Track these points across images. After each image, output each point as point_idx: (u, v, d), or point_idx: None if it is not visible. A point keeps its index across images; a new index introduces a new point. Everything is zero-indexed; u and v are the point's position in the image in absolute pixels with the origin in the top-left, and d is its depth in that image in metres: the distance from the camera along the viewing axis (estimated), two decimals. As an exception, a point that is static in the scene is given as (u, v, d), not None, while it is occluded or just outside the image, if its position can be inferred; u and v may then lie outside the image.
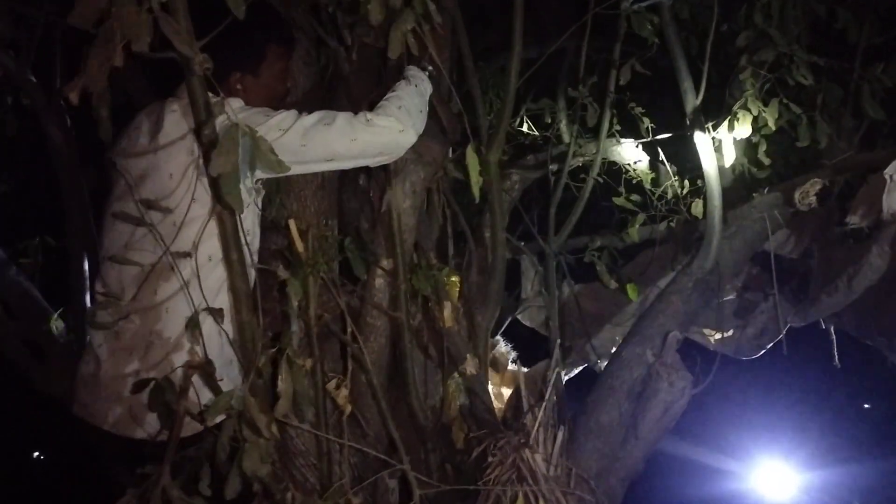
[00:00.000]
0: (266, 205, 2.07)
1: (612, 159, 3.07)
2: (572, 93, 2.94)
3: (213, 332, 1.78)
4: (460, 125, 2.25)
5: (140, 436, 1.77)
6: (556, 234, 2.89)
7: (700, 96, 2.59)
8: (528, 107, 3.04)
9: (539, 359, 2.82)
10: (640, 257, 3.25)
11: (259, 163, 1.50)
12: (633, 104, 2.96)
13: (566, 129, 3.11)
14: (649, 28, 2.62)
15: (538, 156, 3.06)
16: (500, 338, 2.88)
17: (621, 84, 2.83)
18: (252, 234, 1.92)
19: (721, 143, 2.66)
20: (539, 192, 3.13)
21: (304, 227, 2.07)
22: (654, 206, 3.07)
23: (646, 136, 3.01)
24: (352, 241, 2.22)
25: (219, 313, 1.73)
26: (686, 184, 3.01)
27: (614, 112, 2.90)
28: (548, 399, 2.28)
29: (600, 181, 2.97)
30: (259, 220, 1.98)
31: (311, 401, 1.97)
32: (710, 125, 2.62)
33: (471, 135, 2.20)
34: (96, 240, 1.96)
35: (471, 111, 2.53)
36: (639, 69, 2.78)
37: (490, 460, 2.20)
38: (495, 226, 2.49)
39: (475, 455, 2.28)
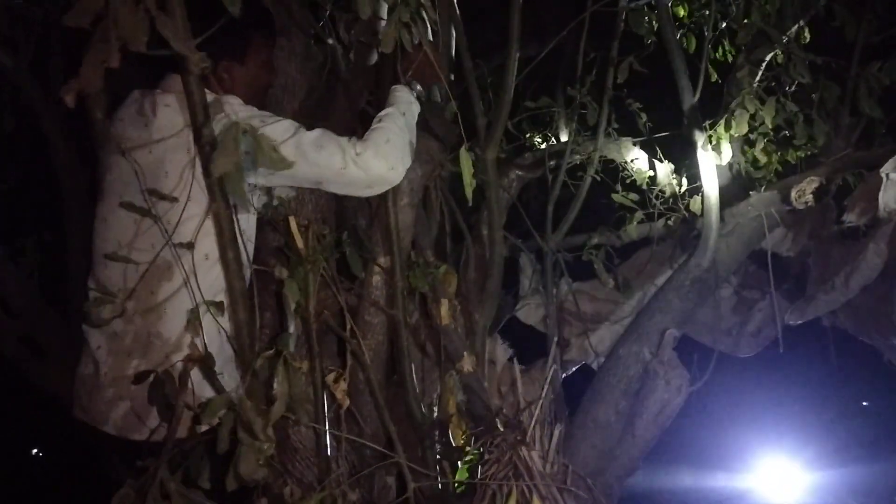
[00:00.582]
0: (264, 203, 2.08)
1: (609, 157, 3.08)
2: (571, 91, 2.94)
3: (212, 330, 1.78)
4: (455, 131, 2.24)
5: (142, 437, 1.77)
6: (553, 232, 2.89)
7: (697, 94, 2.60)
8: (527, 105, 3.03)
9: (536, 356, 2.83)
10: (637, 255, 3.26)
11: (261, 161, 1.50)
12: (631, 100, 2.96)
13: (564, 126, 3.11)
14: (646, 26, 2.62)
15: (536, 153, 3.07)
16: (497, 335, 2.88)
17: (619, 82, 2.84)
18: (248, 234, 1.92)
19: (718, 141, 2.66)
20: (537, 189, 3.14)
21: (304, 224, 2.08)
22: (652, 203, 3.08)
23: (644, 133, 3.01)
24: (349, 238, 2.22)
25: (219, 307, 1.74)
26: (684, 182, 3.02)
27: (612, 110, 2.90)
28: (545, 396, 2.29)
29: (598, 179, 2.98)
30: (255, 219, 1.98)
31: (307, 402, 1.97)
32: (708, 123, 2.62)
33: (464, 135, 2.19)
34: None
35: (468, 109, 2.54)
36: (637, 67, 2.79)
37: (487, 457, 2.20)
38: (493, 223, 2.49)
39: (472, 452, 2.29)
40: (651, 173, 3.07)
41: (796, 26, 2.68)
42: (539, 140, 3.22)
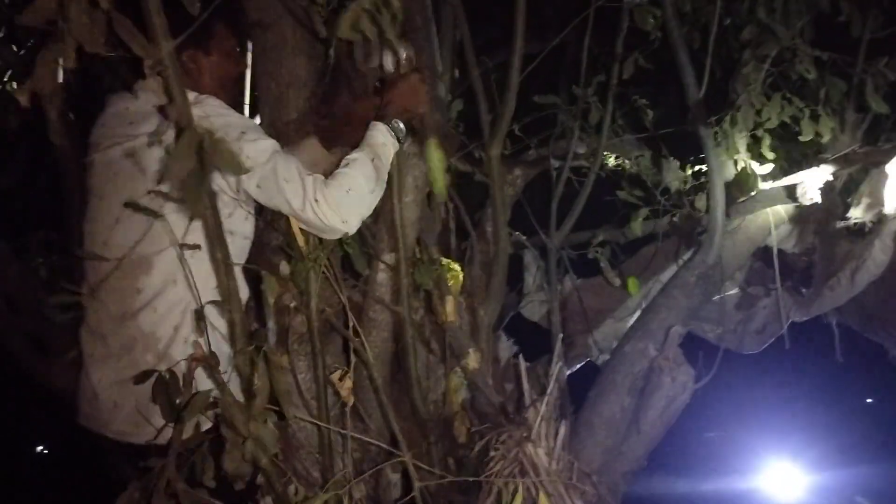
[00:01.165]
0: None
1: (614, 153, 3.07)
2: (575, 90, 2.92)
3: (208, 328, 1.77)
4: (456, 139, 2.22)
5: (142, 441, 1.77)
6: (557, 229, 2.89)
7: (703, 91, 2.59)
8: (535, 100, 3.01)
9: (541, 353, 2.83)
10: (642, 252, 3.25)
11: (218, 164, 1.45)
12: (637, 97, 2.95)
13: (568, 124, 3.10)
14: (652, 22, 2.61)
15: (540, 150, 3.06)
16: (502, 332, 2.88)
17: (624, 78, 2.83)
18: (245, 233, 1.91)
19: (724, 137, 2.65)
20: (542, 186, 3.13)
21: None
22: (657, 200, 3.07)
23: (649, 130, 3.00)
24: (353, 235, 2.22)
25: (219, 306, 1.73)
26: (689, 178, 3.01)
27: (616, 106, 2.89)
28: (550, 393, 2.28)
29: (602, 175, 2.97)
30: (251, 219, 1.97)
31: (290, 396, 1.96)
32: (713, 119, 2.61)
33: (469, 132, 2.17)
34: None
35: (472, 106, 2.54)
36: (642, 63, 2.78)
37: (492, 454, 2.20)
38: (497, 220, 2.49)
39: (477, 449, 2.28)
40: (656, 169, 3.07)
41: (802, 22, 2.66)
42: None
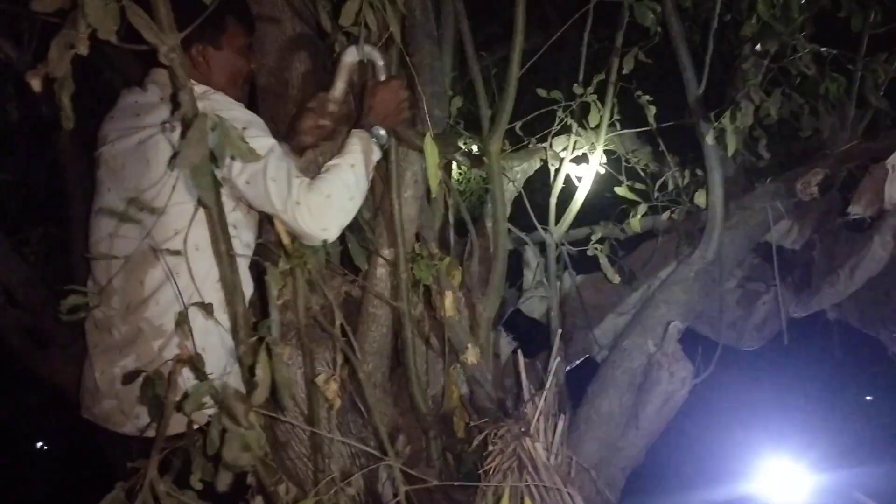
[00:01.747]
0: None
1: (613, 149, 3.07)
2: (576, 89, 2.92)
3: (209, 323, 1.78)
4: (453, 144, 2.21)
5: (143, 434, 1.76)
6: (557, 225, 2.89)
7: (702, 86, 2.59)
8: (538, 92, 3.01)
9: (540, 349, 2.83)
10: (642, 248, 3.26)
11: (228, 150, 1.45)
12: (640, 92, 2.95)
13: (567, 120, 3.10)
14: (652, 18, 2.61)
15: (539, 146, 3.06)
16: (501, 328, 2.88)
17: (624, 73, 2.83)
18: (242, 226, 1.91)
19: (723, 132, 2.65)
20: (542, 182, 3.13)
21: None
22: (656, 196, 3.07)
23: (650, 125, 3.00)
24: (352, 230, 2.21)
25: (210, 305, 1.72)
26: (687, 174, 3.01)
27: (615, 102, 2.89)
28: (548, 388, 2.29)
29: (602, 172, 2.97)
30: (254, 214, 1.96)
31: (291, 390, 1.96)
32: (713, 114, 2.61)
33: (430, 123, 2.16)
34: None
35: (473, 101, 2.54)
36: (642, 58, 2.78)
37: (490, 449, 2.20)
38: (497, 216, 2.49)
39: (476, 443, 2.29)
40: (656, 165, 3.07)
41: (802, 18, 2.66)
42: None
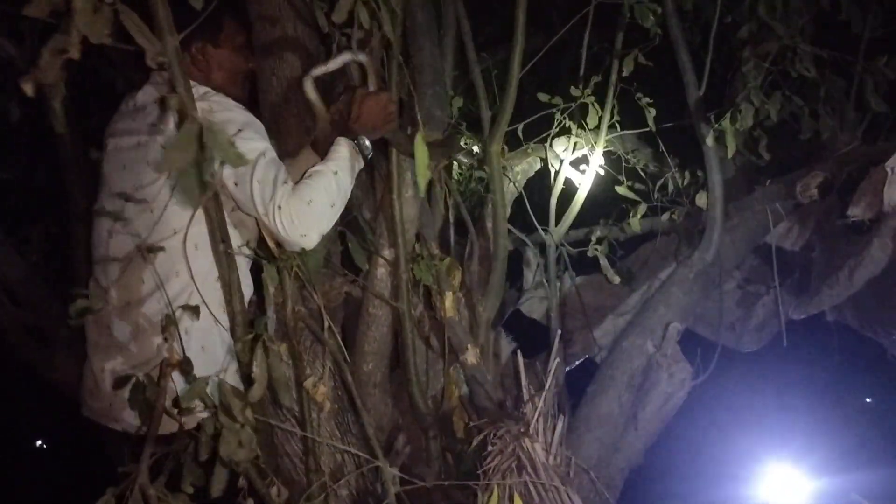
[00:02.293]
0: None
1: (613, 149, 3.08)
2: (574, 92, 2.92)
3: (209, 321, 1.79)
4: (453, 145, 2.20)
5: (128, 429, 1.77)
6: (556, 226, 2.90)
7: (703, 88, 2.59)
8: (539, 97, 3.01)
9: (540, 350, 2.83)
10: (641, 249, 3.26)
11: (217, 155, 1.46)
12: (640, 95, 2.95)
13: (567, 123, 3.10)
14: (652, 19, 2.62)
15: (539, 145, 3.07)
16: (501, 328, 2.89)
17: (624, 75, 2.83)
18: (242, 226, 1.91)
19: (723, 134, 2.66)
20: (541, 182, 3.13)
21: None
22: (656, 197, 3.08)
23: (651, 127, 3.00)
24: (352, 230, 2.22)
25: (198, 307, 1.73)
26: (687, 175, 3.02)
27: (615, 103, 2.90)
28: (548, 389, 2.29)
29: (601, 173, 2.98)
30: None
31: (288, 387, 1.97)
32: (713, 115, 2.62)
33: (431, 124, 2.17)
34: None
35: (474, 101, 2.55)
36: (642, 60, 2.78)
37: (490, 449, 2.21)
38: (497, 217, 2.49)
39: (475, 444, 2.29)
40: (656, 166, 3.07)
41: (802, 20, 2.67)
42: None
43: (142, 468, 1.52)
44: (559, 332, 2.69)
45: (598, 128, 2.93)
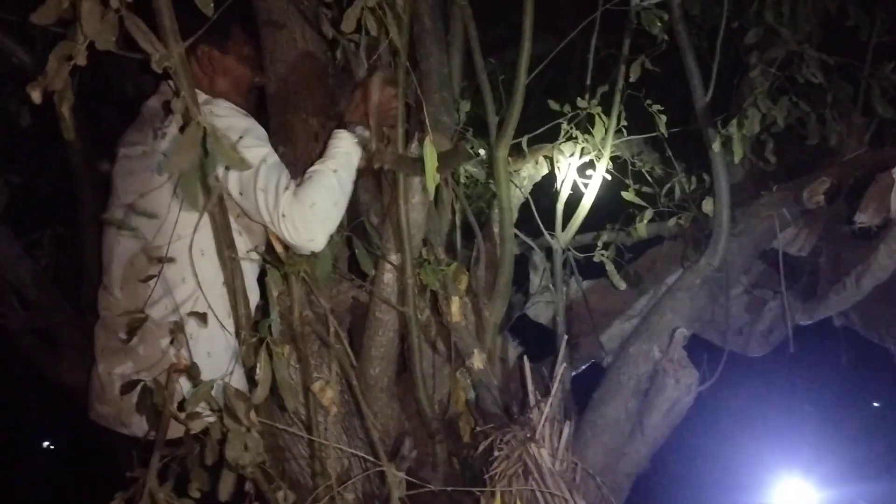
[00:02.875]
0: None
1: (619, 154, 3.07)
2: (580, 103, 2.91)
3: (215, 327, 1.79)
4: (461, 154, 2.21)
5: (135, 433, 1.79)
6: (563, 230, 2.90)
7: (710, 94, 2.59)
8: (537, 104, 3.02)
9: (546, 354, 2.83)
10: (648, 254, 3.26)
11: (220, 159, 1.47)
12: (650, 101, 2.95)
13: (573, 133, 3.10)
14: (659, 25, 2.62)
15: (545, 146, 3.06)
16: (507, 333, 2.89)
17: (631, 81, 2.83)
18: (248, 232, 1.92)
19: (730, 139, 2.66)
20: (548, 187, 3.13)
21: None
22: (663, 202, 3.08)
23: (659, 133, 3.00)
24: (358, 235, 2.23)
25: (205, 314, 1.74)
26: (694, 180, 3.02)
27: (622, 108, 2.90)
28: (554, 394, 2.29)
29: (608, 178, 2.97)
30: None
31: (293, 390, 1.97)
32: (720, 119, 2.62)
33: (438, 129, 2.18)
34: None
35: (480, 106, 2.55)
36: (649, 66, 2.78)
37: (496, 454, 2.21)
38: (504, 221, 2.50)
39: (482, 449, 2.30)
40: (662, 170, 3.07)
41: (809, 26, 2.67)
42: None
43: (151, 472, 1.53)
44: (565, 336, 2.69)
45: (605, 133, 2.93)
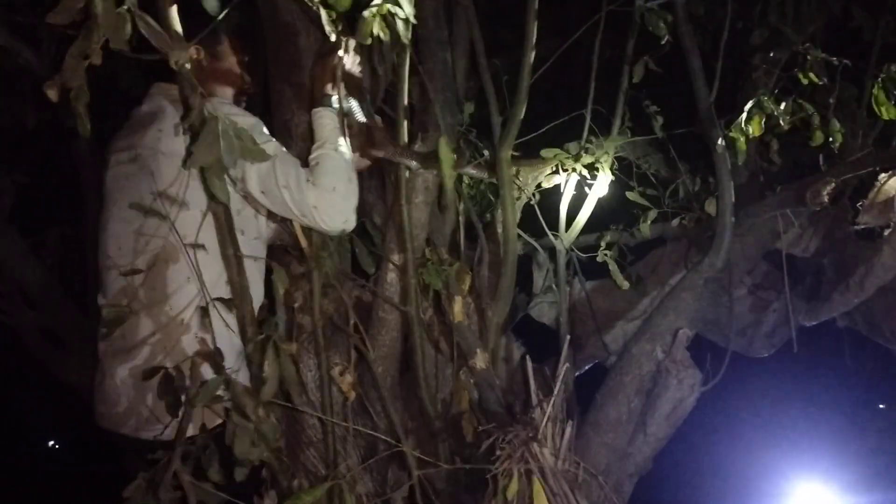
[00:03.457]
0: None
1: (623, 155, 3.08)
2: (584, 112, 2.91)
3: (219, 325, 1.80)
4: (462, 158, 2.24)
5: (152, 435, 1.79)
6: (567, 231, 2.90)
7: (713, 94, 2.59)
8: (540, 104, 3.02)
9: (549, 355, 2.84)
10: (652, 254, 3.26)
11: (241, 154, 1.49)
12: (648, 102, 2.95)
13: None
14: (662, 26, 2.62)
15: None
16: (510, 333, 2.90)
17: (635, 81, 2.84)
18: (249, 233, 1.94)
19: (734, 141, 2.66)
20: (552, 187, 3.14)
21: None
22: (666, 203, 3.08)
23: (658, 135, 3.01)
24: (360, 235, 2.24)
25: (227, 303, 1.76)
26: (698, 181, 3.02)
27: (626, 109, 2.90)
28: (557, 394, 2.30)
29: (612, 178, 2.97)
30: (261, 219, 2.01)
31: (300, 386, 2.00)
32: (723, 121, 2.62)
33: (441, 123, 2.21)
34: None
35: (485, 108, 2.56)
36: (652, 67, 2.79)
37: (498, 453, 2.22)
38: (507, 222, 2.50)
39: (484, 448, 2.30)
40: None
41: (813, 27, 2.67)
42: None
43: (175, 454, 1.55)
44: (569, 336, 2.70)
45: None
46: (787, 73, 2.66)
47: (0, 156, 2.92)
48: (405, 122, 2.16)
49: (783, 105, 2.57)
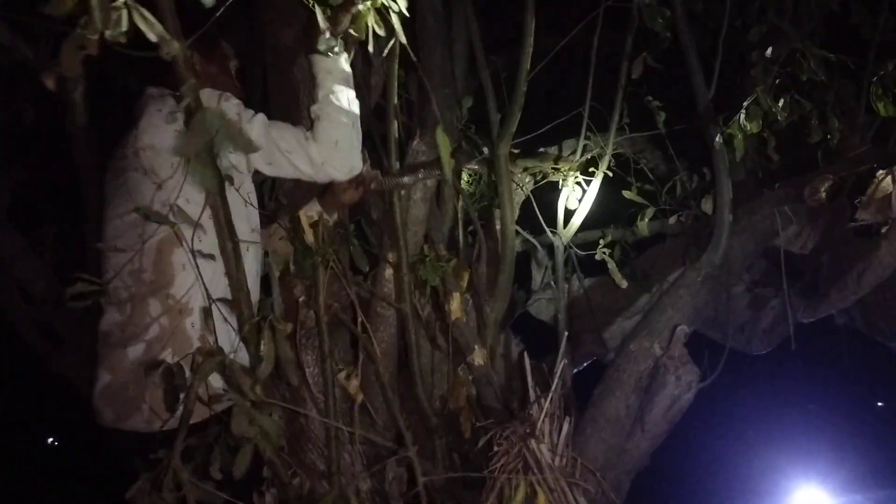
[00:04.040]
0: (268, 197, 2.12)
1: (622, 151, 3.08)
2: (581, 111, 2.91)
3: (217, 319, 1.80)
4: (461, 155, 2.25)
5: (153, 429, 1.78)
6: (565, 227, 2.90)
7: (712, 91, 2.59)
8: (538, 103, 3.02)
9: (548, 351, 2.84)
10: (650, 251, 3.26)
11: (229, 143, 1.50)
12: (650, 98, 2.95)
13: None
14: (661, 22, 2.62)
15: (549, 149, 3.08)
16: (509, 330, 2.90)
17: (633, 78, 2.84)
18: (240, 218, 1.93)
19: (732, 137, 2.66)
20: (550, 184, 3.14)
21: (312, 218, 2.10)
22: (664, 199, 3.08)
23: (660, 129, 3.00)
24: (355, 231, 2.24)
25: (226, 302, 1.76)
26: (696, 178, 3.02)
27: (624, 106, 2.90)
28: (554, 390, 2.30)
29: (610, 175, 2.98)
30: (252, 210, 2.00)
31: (295, 366, 2.00)
32: (722, 118, 2.62)
33: (440, 118, 2.23)
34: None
35: (482, 104, 2.56)
36: (651, 63, 2.78)
37: (496, 450, 2.22)
38: (505, 218, 2.51)
39: (481, 444, 2.31)
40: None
41: (812, 24, 2.66)
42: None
43: (175, 451, 1.55)
44: (567, 333, 2.70)
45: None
46: (785, 70, 2.65)
47: (-2, 153, 2.92)
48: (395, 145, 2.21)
49: (781, 102, 2.57)
